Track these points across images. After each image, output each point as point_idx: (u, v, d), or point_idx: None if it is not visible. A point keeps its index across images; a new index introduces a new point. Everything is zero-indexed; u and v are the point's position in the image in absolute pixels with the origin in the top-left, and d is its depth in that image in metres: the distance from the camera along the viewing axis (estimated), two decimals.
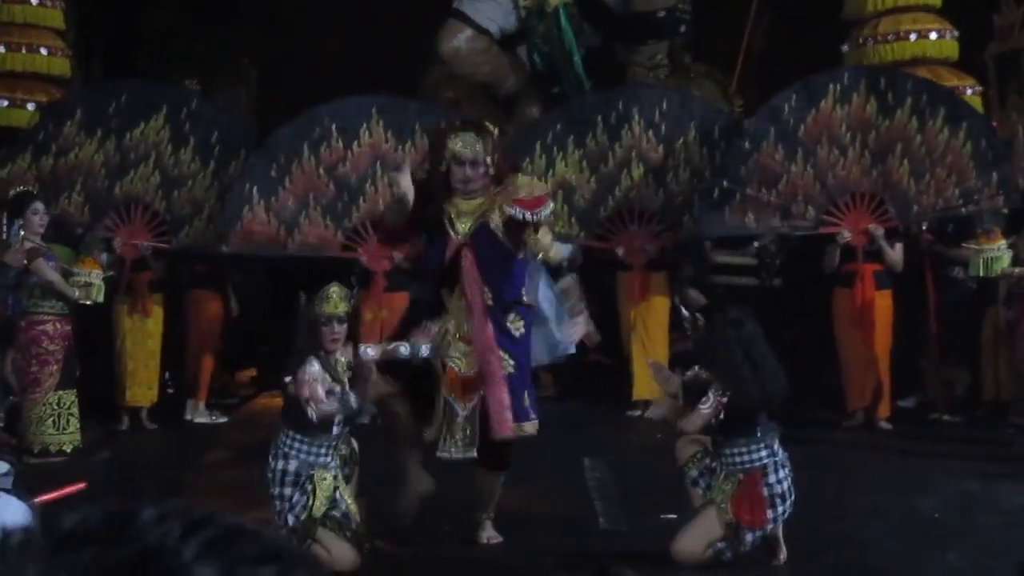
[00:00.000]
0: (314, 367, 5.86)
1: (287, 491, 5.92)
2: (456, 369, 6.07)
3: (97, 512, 0.88)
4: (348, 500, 6.00)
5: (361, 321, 10.00)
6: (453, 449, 6.07)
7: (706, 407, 5.77)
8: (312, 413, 5.77)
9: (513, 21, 12.22)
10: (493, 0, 12.09)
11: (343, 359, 6.06)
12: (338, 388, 5.93)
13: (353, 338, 6.18)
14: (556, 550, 6.22)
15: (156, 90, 10.81)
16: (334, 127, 10.05)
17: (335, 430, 5.96)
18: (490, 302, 6.06)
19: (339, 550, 5.88)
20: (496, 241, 6.10)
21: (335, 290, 6.09)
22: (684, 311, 6.53)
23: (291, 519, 5.90)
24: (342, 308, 6.03)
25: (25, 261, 8.45)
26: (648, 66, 12.65)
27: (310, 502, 5.88)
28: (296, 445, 5.94)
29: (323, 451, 5.95)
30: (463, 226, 6.12)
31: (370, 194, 10.02)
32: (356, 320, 6.36)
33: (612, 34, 12.87)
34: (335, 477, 5.98)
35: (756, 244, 11.19)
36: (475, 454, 6.09)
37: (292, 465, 5.92)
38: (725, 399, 5.73)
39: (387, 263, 9.95)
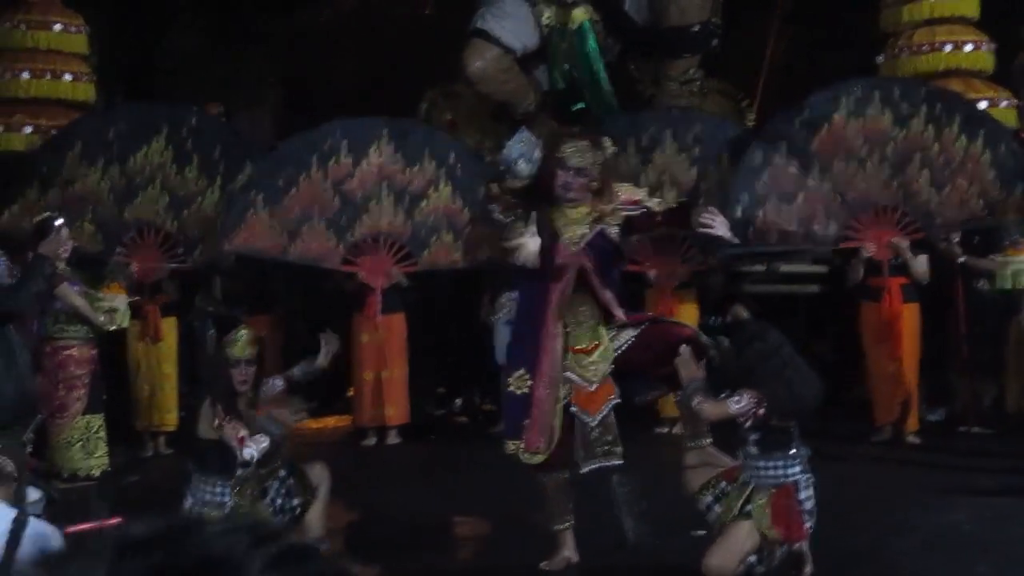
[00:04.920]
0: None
1: None
2: (585, 385, 6.11)
3: (164, 521, 0.90)
4: None
5: (357, 343, 10.08)
6: (594, 461, 6.08)
7: (737, 404, 5.72)
8: (248, 452, 5.86)
9: (536, 39, 12.17)
10: (516, 18, 12.04)
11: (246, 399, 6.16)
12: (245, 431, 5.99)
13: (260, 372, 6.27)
14: (584, 566, 6.20)
15: (154, 111, 10.71)
16: (345, 143, 10.10)
17: (239, 471, 5.99)
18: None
19: None
20: (609, 248, 6.10)
21: (243, 333, 6.22)
22: (702, 338, 6.50)
23: None
24: (249, 352, 6.15)
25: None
26: (681, 80, 12.57)
27: None
28: (198, 484, 6.04)
29: (218, 491, 6.01)
30: (570, 233, 6.07)
31: (374, 211, 10.09)
32: (262, 361, 6.34)
33: (640, 49, 12.80)
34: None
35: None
36: (620, 459, 6.10)
37: (188, 502, 6.02)
38: (762, 411, 5.67)
39: (384, 280, 10.01)
